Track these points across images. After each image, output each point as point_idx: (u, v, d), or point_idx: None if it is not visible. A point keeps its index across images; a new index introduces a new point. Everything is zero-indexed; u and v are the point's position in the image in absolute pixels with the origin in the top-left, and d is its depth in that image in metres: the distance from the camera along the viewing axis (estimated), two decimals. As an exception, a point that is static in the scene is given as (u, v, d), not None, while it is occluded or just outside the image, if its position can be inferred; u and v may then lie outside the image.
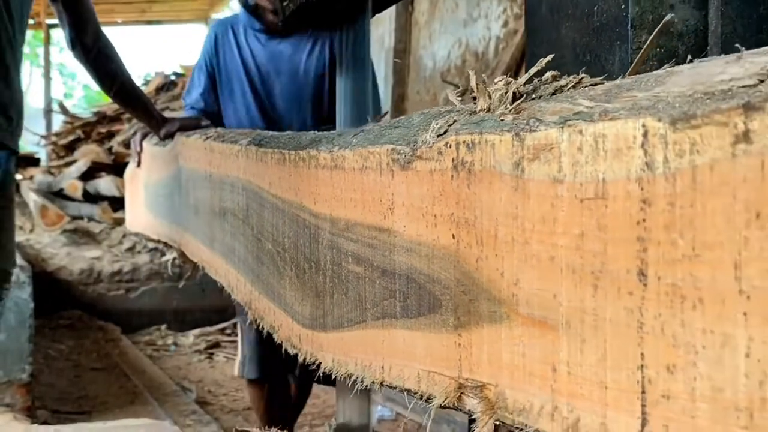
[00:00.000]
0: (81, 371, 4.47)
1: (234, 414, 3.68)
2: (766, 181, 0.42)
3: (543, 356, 0.59)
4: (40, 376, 4.01)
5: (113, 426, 2.66)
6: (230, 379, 4.38)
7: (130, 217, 2.37)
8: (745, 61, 0.47)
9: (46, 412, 3.49)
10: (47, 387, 3.99)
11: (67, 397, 3.92)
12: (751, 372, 0.43)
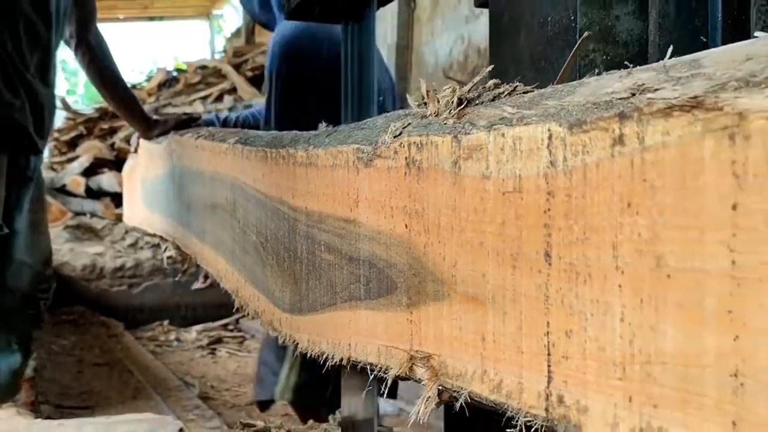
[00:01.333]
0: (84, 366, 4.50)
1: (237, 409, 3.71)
2: (634, 177, 0.51)
3: (475, 328, 0.68)
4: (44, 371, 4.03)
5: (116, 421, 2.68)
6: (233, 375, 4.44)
7: (128, 212, 2.47)
8: (631, 77, 0.56)
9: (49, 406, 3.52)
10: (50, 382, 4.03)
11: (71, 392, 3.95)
12: (624, 333, 0.52)
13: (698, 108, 0.46)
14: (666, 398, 0.49)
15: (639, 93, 0.51)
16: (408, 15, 5.82)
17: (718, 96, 0.45)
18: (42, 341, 4.28)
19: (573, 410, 0.57)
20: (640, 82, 0.53)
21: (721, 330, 0.45)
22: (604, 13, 1.03)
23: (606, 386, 0.54)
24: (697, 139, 0.46)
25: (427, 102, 0.80)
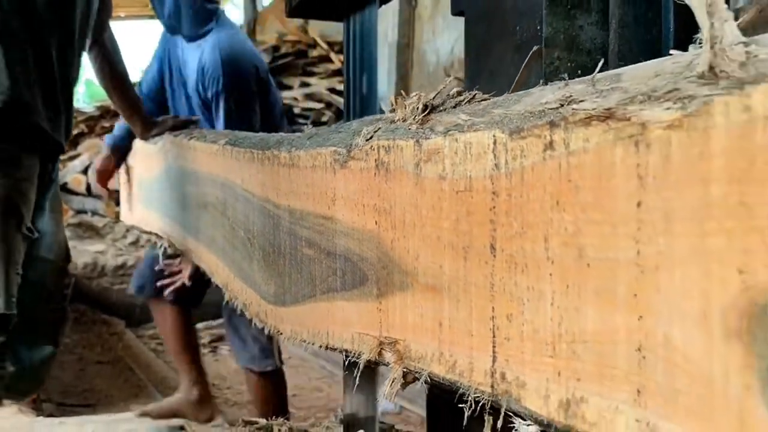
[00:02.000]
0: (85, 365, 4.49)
1: (238, 407, 3.71)
2: (561, 178, 0.58)
3: (433, 315, 0.75)
4: None
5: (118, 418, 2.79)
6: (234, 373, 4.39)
7: (126, 211, 2.54)
8: (565, 89, 0.63)
9: (51, 404, 3.53)
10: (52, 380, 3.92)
11: (72, 390, 3.95)
12: (553, 316, 0.59)
13: (611, 118, 0.53)
14: (587, 372, 0.56)
15: (567, 104, 0.58)
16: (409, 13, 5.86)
17: (627, 108, 0.52)
18: None
19: (513, 386, 0.64)
20: (569, 94, 0.59)
21: (629, 311, 0.52)
22: (569, 23, 1.10)
23: (540, 363, 0.60)
24: (610, 145, 0.53)
25: (396, 108, 0.86)
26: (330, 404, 3.61)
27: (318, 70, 6.89)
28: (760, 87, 0.43)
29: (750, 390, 0.44)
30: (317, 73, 6.85)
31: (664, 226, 0.49)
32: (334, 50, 6.96)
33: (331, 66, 6.86)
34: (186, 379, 2.65)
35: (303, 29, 7.51)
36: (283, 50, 7.12)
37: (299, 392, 3.94)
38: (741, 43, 0.46)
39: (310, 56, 7.06)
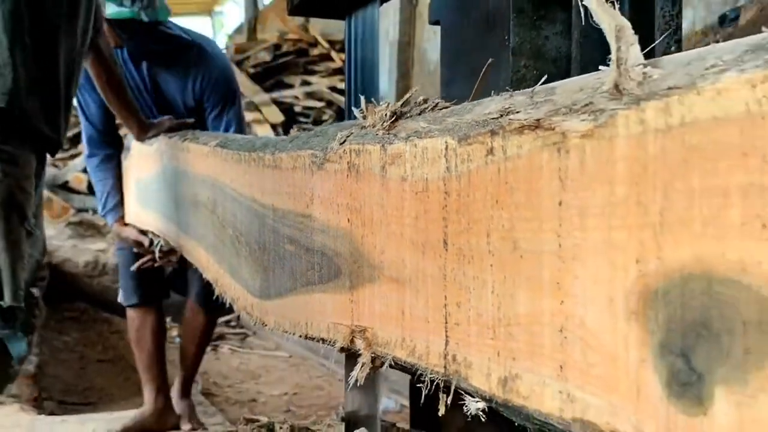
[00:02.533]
0: (86, 363, 4.48)
1: (239, 405, 3.70)
2: (500, 181, 0.65)
3: (397, 304, 0.82)
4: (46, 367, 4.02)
5: (119, 417, 2.80)
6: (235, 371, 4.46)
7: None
8: (508, 100, 0.70)
9: (52, 403, 3.53)
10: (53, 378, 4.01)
11: (73, 389, 3.94)
12: (494, 302, 0.66)
13: (539, 128, 0.60)
14: (520, 351, 0.63)
15: (505, 114, 0.66)
16: (410, 12, 5.90)
17: (552, 119, 0.59)
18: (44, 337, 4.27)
19: (462, 366, 0.71)
20: (508, 105, 0.67)
21: (553, 297, 0.59)
22: (535, 33, 1.17)
23: (483, 345, 0.68)
24: (538, 151, 0.61)
25: (366, 115, 0.94)
26: (330, 402, 3.64)
27: (319, 69, 6.91)
28: (651, 103, 0.50)
29: (644, 362, 0.51)
30: (318, 72, 6.87)
31: (580, 222, 0.56)
32: (335, 49, 6.97)
33: (331, 64, 6.89)
34: (153, 388, 2.71)
35: (304, 28, 7.55)
36: (284, 49, 7.16)
37: (300, 390, 3.98)
38: (641, 65, 0.53)
39: (311, 55, 7.08)
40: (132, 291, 2.63)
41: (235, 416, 3.19)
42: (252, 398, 3.84)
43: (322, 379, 4.17)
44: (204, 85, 2.49)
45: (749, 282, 0.44)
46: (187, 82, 2.50)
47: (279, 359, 4.73)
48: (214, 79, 2.51)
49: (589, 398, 0.56)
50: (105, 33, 2.21)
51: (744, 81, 0.44)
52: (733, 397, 0.45)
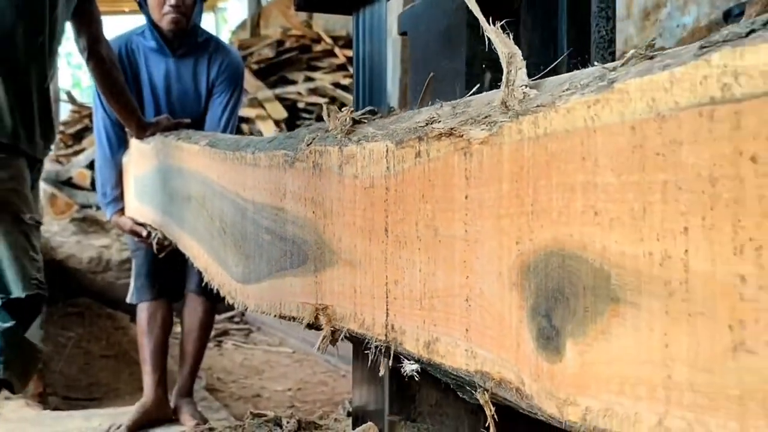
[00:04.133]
0: (91, 359, 4.54)
1: (243, 401, 3.73)
2: (425, 178, 0.79)
3: (350, 284, 0.96)
4: (51, 363, 4.04)
5: (124, 412, 2.84)
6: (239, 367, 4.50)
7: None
8: (437, 110, 0.83)
9: (57, 398, 3.57)
10: (58, 374, 4.06)
11: (78, 384, 3.97)
12: (420, 279, 0.80)
13: (452, 135, 0.74)
14: (439, 318, 0.77)
15: (430, 123, 0.79)
16: (415, 8, 5.97)
17: (462, 128, 0.73)
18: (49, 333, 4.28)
19: (398, 333, 0.85)
20: (434, 115, 0.80)
21: (461, 273, 0.73)
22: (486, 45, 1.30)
23: (413, 315, 0.81)
24: (451, 154, 0.74)
25: (329, 120, 1.07)
26: (334, 398, 3.68)
27: (322, 65, 6.91)
28: (526, 117, 0.64)
29: (521, 323, 0.64)
30: (321, 68, 6.87)
31: (479, 211, 0.70)
32: (339, 45, 6.97)
33: (335, 61, 6.88)
34: (155, 379, 2.81)
35: (307, 24, 7.56)
36: (287, 45, 7.12)
37: (304, 386, 4.03)
38: (523, 86, 0.67)
39: (314, 51, 7.06)
40: (147, 288, 2.75)
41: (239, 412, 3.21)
42: (256, 394, 3.89)
43: (326, 374, 4.22)
44: (221, 70, 2.73)
45: (587, 256, 0.57)
46: (204, 67, 2.73)
47: (283, 355, 4.77)
48: (230, 65, 2.78)
49: (485, 354, 0.70)
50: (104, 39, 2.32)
51: (583, 102, 0.57)
52: (577, 347, 0.58)
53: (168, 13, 2.62)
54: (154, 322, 2.76)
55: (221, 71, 2.75)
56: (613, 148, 0.54)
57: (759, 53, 0.44)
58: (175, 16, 2.61)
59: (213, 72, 2.75)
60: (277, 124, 6.07)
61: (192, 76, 2.70)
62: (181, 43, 2.70)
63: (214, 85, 2.75)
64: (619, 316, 0.54)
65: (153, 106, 2.66)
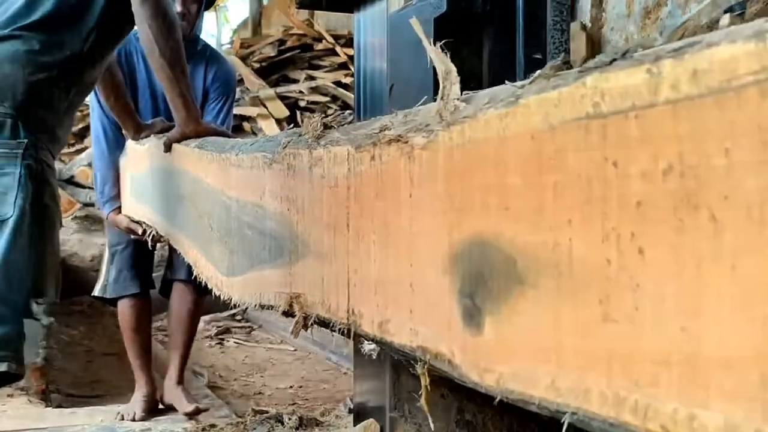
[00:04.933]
0: (94, 356, 4.50)
1: (245, 398, 3.72)
2: (378, 179, 0.89)
3: (320, 274, 1.06)
4: (54, 360, 4.00)
5: None
6: (241, 365, 4.50)
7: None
8: (391, 118, 0.94)
9: (60, 395, 3.56)
10: (61, 371, 4.02)
11: (80, 381, 3.96)
12: (375, 269, 0.90)
13: (399, 141, 0.84)
14: (390, 302, 0.87)
15: (383, 130, 0.90)
16: (415, 5, 6.06)
17: (407, 135, 0.83)
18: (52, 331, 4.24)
19: (358, 317, 0.95)
20: (387, 123, 0.91)
21: (407, 262, 0.83)
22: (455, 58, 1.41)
23: (369, 300, 0.92)
24: (399, 158, 0.84)
25: (303, 125, 1.18)
26: (336, 396, 3.65)
27: (323, 64, 6.95)
28: (456, 127, 0.74)
29: (452, 304, 0.75)
30: (323, 67, 6.91)
31: (420, 208, 0.80)
32: (340, 44, 6.99)
33: (336, 59, 6.91)
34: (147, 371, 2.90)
35: (309, 23, 7.59)
36: (289, 44, 7.17)
37: (305, 384, 4.01)
38: (455, 99, 0.77)
39: (316, 50, 7.09)
40: (131, 281, 2.85)
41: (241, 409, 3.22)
42: (258, 391, 3.89)
43: (328, 372, 4.22)
44: (217, 76, 2.89)
45: (500, 245, 0.67)
46: (201, 74, 2.87)
47: (284, 353, 4.77)
48: (224, 73, 2.95)
49: (425, 331, 0.80)
50: None
51: (496, 114, 0.67)
52: (494, 323, 0.69)
53: None
54: (142, 317, 2.87)
55: (217, 78, 2.90)
56: (519, 154, 0.65)
57: (618, 77, 0.54)
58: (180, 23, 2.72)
59: (209, 78, 2.89)
60: (278, 122, 6.10)
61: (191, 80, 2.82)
62: None
63: (209, 90, 2.89)
64: (524, 295, 0.64)
65: (150, 108, 2.77)
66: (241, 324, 5.45)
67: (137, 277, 2.85)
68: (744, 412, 0.45)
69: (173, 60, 1.86)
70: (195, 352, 4.78)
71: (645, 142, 0.52)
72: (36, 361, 3.28)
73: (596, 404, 0.56)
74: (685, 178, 0.49)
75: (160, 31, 1.83)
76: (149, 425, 2.46)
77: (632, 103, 0.53)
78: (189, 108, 1.92)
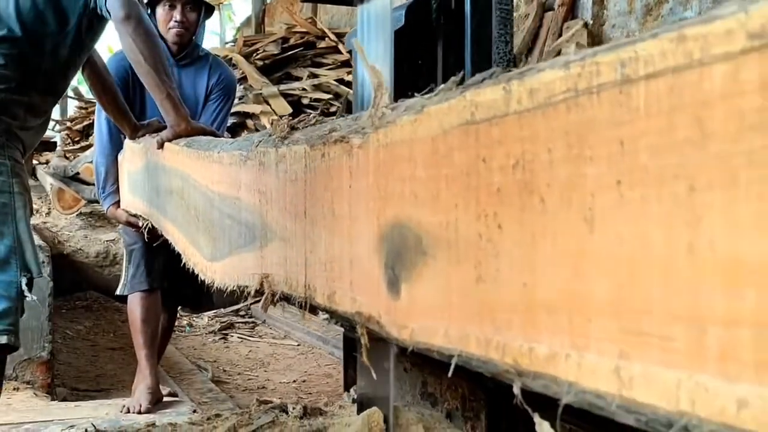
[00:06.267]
0: (98, 351, 4.56)
1: (249, 392, 3.79)
2: (327, 173, 1.05)
3: (284, 256, 1.23)
4: (59, 355, 4.08)
5: None
6: (245, 359, 4.58)
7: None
8: (339, 121, 1.10)
9: (65, 389, 3.61)
10: (66, 366, 4.09)
11: (85, 376, 4.02)
12: (324, 249, 1.06)
13: (342, 141, 1.01)
14: (335, 277, 1.03)
15: (332, 131, 1.06)
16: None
17: (348, 136, 0.99)
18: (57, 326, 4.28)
19: (313, 291, 1.11)
20: (337, 126, 1.07)
21: (348, 242, 0.99)
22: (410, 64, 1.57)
23: (320, 276, 1.08)
24: (342, 155, 1.01)
25: (272, 127, 1.34)
26: (339, 390, 3.61)
27: (326, 61, 6.99)
28: (381, 130, 0.90)
29: (380, 275, 0.91)
30: (325, 64, 6.95)
31: (357, 197, 0.97)
32: (342, 41, 6.94)
33: (339, 57, 6.94)
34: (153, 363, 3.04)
35: (312, 21, 7.67)
36: (292, 41, 7.22)
37: (308, 378, 4.11)
38: (384, 107, 0.93)
39: (319, 47, 7.14)
40: (144, 278, 2.99)
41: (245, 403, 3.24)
42: (261, 385, 3.97)
43: (331, 366, 4.28)
44: (219, 80, 3.11)
45: (411, 226, 0.84)
46: (204, 77, 3.10)
47: (288, 347, 4.85)
48: (227, 77, 3.19)
49: (361, 299, 0.96)
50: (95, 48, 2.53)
51: (408, 120, 0.84)
52: (407, 288, 0.85)
53: (173, 27, 2.98)
54: (152, 310, 3.02)
55: (219, 82, 3.12)
56: (423, 152, 0.81)
57: (486, 93, 0.70)
58: (180, 30, 2.97)
59: (212, 81, 3.11)
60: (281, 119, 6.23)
61: (191, 83, 3.02)
62: (183, 54, 3.05)
63: (211, 92, 3.10)
64: (427, 265, 0.81)
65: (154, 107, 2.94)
66: (244, 319, 5.56)
67: (150, 274, 3.00)
68: (560, 342, 0.61)
69: (157, 67, 2.06)
70: (199, 347, 4.92)
71: (502, 143, 0.68)
72: (41, 356, 3.35)
73: (473, 347, 0.73)
74: (525, 170, 0.65)
75: (144, 44, 2.03)
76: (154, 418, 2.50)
77: (494, 113, 0.69)
78: (177, 108, 2.10)
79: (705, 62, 0.48)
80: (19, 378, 3.27)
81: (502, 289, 0.69)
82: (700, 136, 0.48)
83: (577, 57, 0.59)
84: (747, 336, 0.46)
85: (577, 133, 0.59)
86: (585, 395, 0.58)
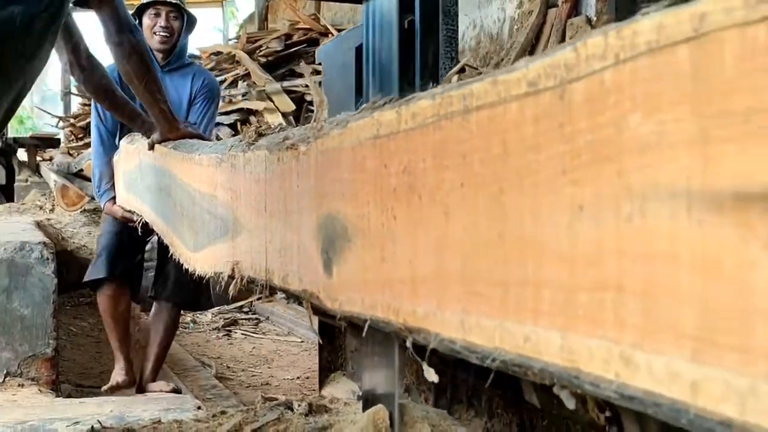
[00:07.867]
0: (102, 347, 4.54)
1: (252, 389, 3.82)
2: (282, 175, 1.25)
3: (249, 245, 1.43)
4: (63, 351, 4.05)
5: (135, 400, 2.96)
6: (248, 356, 4.61)
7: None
8: (293, 130, 1.30)
9: (69, 386, 3.62)
10: (70, 362, 4.09)
11: (90, 372, 4.04)
12: (280, 239, 1.27)
13: (292, 148, 1.21)
14: (287, 262, 1.24)
15: (287, 139, 1.26)
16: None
17: (298, 143, 1.19)
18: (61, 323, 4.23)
19: (270, 274, 1.32)
20: (291, 134, 1.27)
21: (298, 232, 1.20)
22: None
23: (278, 261, 1.28)
24: (291, 159, 1.21)
25: (243, 132, 1.54)
26: None
27: None
28: (320, 139, 1.10)
29: (318, 258, 1.11)
30: None
31: (303, 195, 1.17)
32: None
33: None
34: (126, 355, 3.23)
35: (315, 17, 7.76)
36: (295, 38, 7.29)
37: (312, 375, 4.07)
38: (324, 120, 1.13)
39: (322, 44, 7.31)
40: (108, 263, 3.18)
41: (248, 399, 3.26)
42: (265, 382, 4.00)
43: None
44: (203, 85, 3.34)
45: (340, 218, 1.04)
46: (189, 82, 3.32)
47: (291, 344, 4.87)
48: (210, 82, 3.44)
49: (306, 279, 1.17)
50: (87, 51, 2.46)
51: (337, 133, 1.04)
52: (337, 268, 1.05)
53: (157, 33, 3.15)
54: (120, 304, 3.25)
55: (202, 86, 3.36)
56: (347, 159, 1.01)
57: (386, 114, 0.90)
58: (164, 37, 3.16)
59: (196, 86, 3.34)
60: (285, 116, 6.23)
61: (176, 88, 3.22)
62: (168, 60, 3.26)
63: (195, 97, 3.33)
64: (350, 249, 1.01)
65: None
66: (248, 316, 5.61)
67: (112, 263, 3.17)
68: (430, 304, 0.82)
69: (150, 84, 2.28)
70: (202, 344, 4.96)
71: (396, 153, 0.88)
72: (46, 352, 3.35)
73: (380, 312, 0.93)
74: (410, 175, 0.85)
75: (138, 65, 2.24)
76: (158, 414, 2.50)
77: (391, 130, 0.89)
78: (169, 119, 2.32)
79: (507, 100, 0.68)
80: (23, 374, 3.29)
81: (397, 267, 0.89)
82: (504, 152, 0.68)
83: (439, 90, 0.79)
84: (531, 291, 0.66)
85: (440, 148, 0.79)
86: (444, 342, 0.78)
